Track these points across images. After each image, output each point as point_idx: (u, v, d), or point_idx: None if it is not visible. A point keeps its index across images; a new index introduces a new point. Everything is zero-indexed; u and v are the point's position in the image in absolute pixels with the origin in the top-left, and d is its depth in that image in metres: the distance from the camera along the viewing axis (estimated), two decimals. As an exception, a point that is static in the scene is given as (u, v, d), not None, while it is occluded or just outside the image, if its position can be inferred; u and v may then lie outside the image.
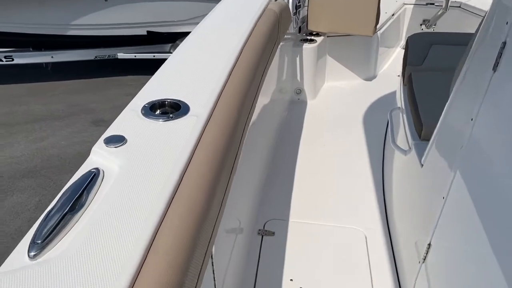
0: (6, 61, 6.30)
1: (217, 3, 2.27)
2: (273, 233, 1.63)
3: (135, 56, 6.91)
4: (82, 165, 1.14)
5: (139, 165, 1.03)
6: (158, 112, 1.28)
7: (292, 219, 1.76)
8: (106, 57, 6.82)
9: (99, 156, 1.14)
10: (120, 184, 0.97)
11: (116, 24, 6.50)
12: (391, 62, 3.46)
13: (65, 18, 6.22)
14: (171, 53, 7.15)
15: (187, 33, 6.67)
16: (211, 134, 1.14)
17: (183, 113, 1.24)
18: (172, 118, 1.21)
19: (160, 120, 1.21)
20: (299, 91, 2.82)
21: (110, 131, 1.22)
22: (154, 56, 6.98)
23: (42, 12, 6.09)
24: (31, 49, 6.52)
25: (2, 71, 6.94)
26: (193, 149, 1.08)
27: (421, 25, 3.74)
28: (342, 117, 2.68)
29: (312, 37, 2.83)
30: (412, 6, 3.66)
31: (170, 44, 7.15)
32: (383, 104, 2.80)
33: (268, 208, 1.85)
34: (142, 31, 6.80)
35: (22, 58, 6.41)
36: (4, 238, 3.53)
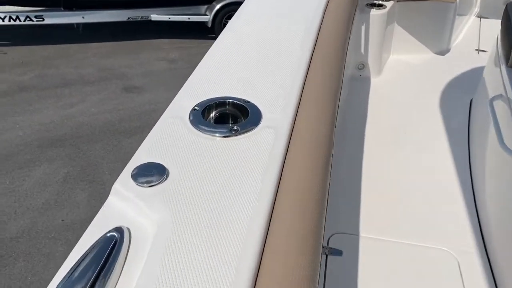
0: (37, 21, 6.04)
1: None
2: (340, 252, 1.29)
3: (169, 18, 6.53)
4: (98, 215, 0.70)
5: (191, 225, 0.65)
6: (213, 118, 0.90)
7: (363, 233, 1.41)
8: (139, 19, 6.47)
9: (125, 202, 0.71)
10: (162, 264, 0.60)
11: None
12: (465, 33, 2.97)
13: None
14: (207, 15, 6.74)
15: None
16: (299, 156, 0.78)
17: (253, 123, 0.86)
18: (237, 132, 0.83)
19: (218, 134, 0.84)
20: (362, 66, 2.40)
21: (141, 155, 0.80)
22: (189, 18, 6.59)
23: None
24: (62, 9, 6.23)
25: (32, 31, 6.70)
26: (275, 190, 0.73)
27: None
28: (413, 100, 2.26)
29: (380, 1, 2.38)
30: None
31: (205, 6, 6.72)
32: (460, 85, 2.36)
33: (331, 218, 1.52)
34: (177, -9, 6.39)
35: (53, 18, 6.13)
36: (31, 213, 3.34)
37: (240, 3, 1.70)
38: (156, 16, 6.48)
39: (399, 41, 2.59)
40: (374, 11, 2.29)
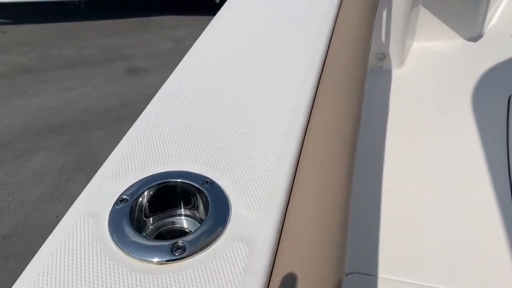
0: (37, -3, 5.79)
1: None
2: None
3: (175, -7, 6.21)
4: None
5: None
6: (151, 222, 0.57)
7: (383, 274, 1.15)
8: (143, -5, 6.17)
9: None
10: None
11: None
12: (500, 13, 2.63)
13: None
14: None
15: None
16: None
17: (211, 229, 0.51)
18: (184, 253, 0.48)
19: (156, 258, 0.49)
20: (382, 56, 2.11)
21: None
22: (196, -7, 6.26)
23: None
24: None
25: (33, 8, 6.45)
26: None
27: None
28: (441, 96, 1.97)
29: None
30: None
31: (214, -19, 6.37)
32: (495, 78, 2.05)
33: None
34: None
35: (54, -5, 5.87)
36: (25, 207, 3.16)
37: None
38: (161, -9, 6.17)
39: (425, 26, 2.28)
40: None
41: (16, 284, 0.47)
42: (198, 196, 0.56)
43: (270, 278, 0.48)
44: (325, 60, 0.95)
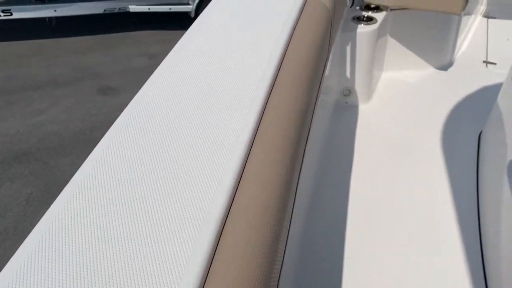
0: (4, 15, 5.59)
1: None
2: None
3: (148, 9, 6.08)
4: None
5: None
6: None
7: None
8: (116, 11, 6.02)
9: None
10: None
11: (125, -28, 5.64)
12: (471, 39, 2.57)
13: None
14: (190, 5, 6.30)
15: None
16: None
17: None
18: None
19: None
20: (348, 92, 2.01)
21: None
22: (170, 9, 6.13)
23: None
24: (33, 1, 5.77)
25: (1, 26, 6.24)
26: None
27: None
28: (409, 131, 1.88)
29: (370, 13, 1.98)
30: None
31: (188, -6, 6.26)
32: (466, 110, 1.98)
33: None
34: (156, -20, 5.91)
35: (22, 12, 5.68)
36: (-15, 246, 2.99)
37: None
38: (134, 7, 6.03)
39: (392, 56, 2.20)
40: (362, 28, 1.89)
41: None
42: None
43: None
44: (270, 92, 0.88)
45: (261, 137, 0.76)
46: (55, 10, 5.76)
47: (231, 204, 0.63)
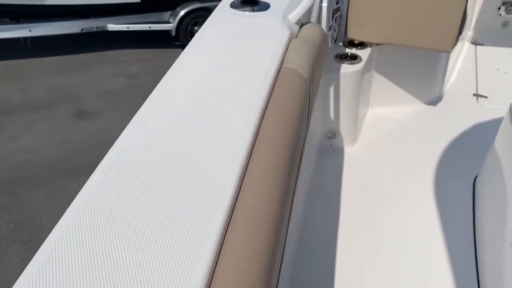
0: (-24, 36, 5.38)
1: None
2: None
3: (127, 27, 5.92)
4: None
5: None
6: None
7: None
8: (94, 30, 5.84)
9: None
10: None
11: (102, -9, 5.47)
12: (459, 68, 2.46)
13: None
14: (170, 23, 6.15)
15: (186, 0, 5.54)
16: None
17: None
18: None
19: None
20: (333, 134, 1.88)
21: None
22: (150, 27, 5.98)
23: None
24: (8, 20, 5.56)
25: (-25, 46, 6.02)
26: None
27: (499, 8, 2.71)
28: (398, 175, 1.75)
29: (354, 50, 1.85)
30: None
31: (169, 12, 6.11)
32: (459, 152, 1.86)
33: None
34: (135, -2, 5.76)
35: (-5, 33, 5.46)
36: None
37: (207, 9, 1.43)
38: (113, 26, 5.86)
39: (379, 92, 2.07)
40: (346, 68, 1.75)
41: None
42: None
43: None
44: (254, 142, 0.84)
45: (246, 189, 0.73)
46: (30, 30, 5.56)
47: (221, 248, 0.62)
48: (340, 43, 1.92)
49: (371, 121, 2.04)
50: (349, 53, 1.83)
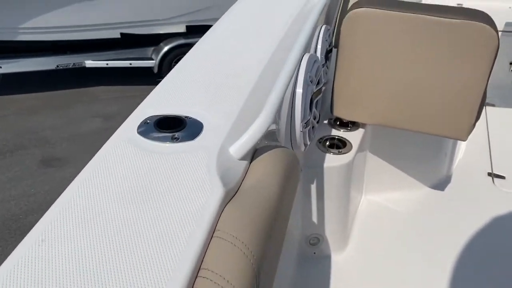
0: None
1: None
2: None
3: (107, 64, 5.56)
4: None
5: None
6: None
7: None
8: (70, 66, 5.48)
9: None
10: None
11: (77, 26, 5.13)
12: (470, 139, 2.10)
13: (13, 21, 4.86)
14: (153, 59, 5.81)
15: (171, 35, 5.24)
16: None
17: None
18: None
19: None
20: (316, 240, 1.48)
21: None
22: (130, 64, 5.64)
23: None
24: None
25: None
26: None
27: (511, 63, 2.38)
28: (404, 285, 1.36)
29: (342, 132, 1.48)
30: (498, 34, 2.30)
31: (151, 48, 5.78)
32: (474, 250, 1.47)
33: None
34: (114, 34, 5.42)
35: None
36: None
37: (191, 45, 1.20)
38: (91, 62, 5.50)
39: (375, 180, 1.69)
40: (332, 160, 1.37)
41: None
42: None
43: None
44: None
45: None
46: (0, 67, 5.18)
47: None
48: (325, 121, 1.55)
49: (365, 215, 1.65)
50: (336, 138, 1.45)
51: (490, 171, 1.89)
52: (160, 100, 0.82)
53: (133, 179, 0.64)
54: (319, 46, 1.29)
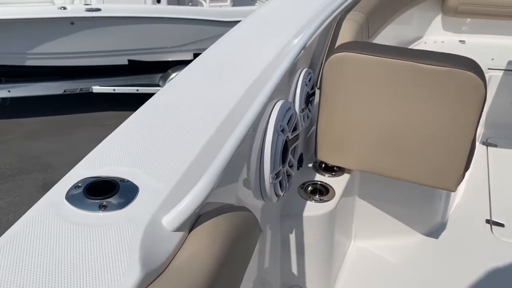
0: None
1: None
2: None
3: (114, 90, 5.60)
4: None
5: None
6: None
7: None
8: (77, 91, 5.52)
9: None
10: None
11: (85, 53, 5.19)
12: (467, 180, 2.01)
13: (22, 46, 4.93)
14: (160, 86, 5.87)
15: (178, 62, 5.27)
16: None
17: None
18: None
19: None
20: None
21: None
22: (137, 90, 5.66)
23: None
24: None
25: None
26: None
27: None
28: None
29: (326, 177, 1.42)
30: (501, 73, 2.24)
31: (159, 75, 5.81)
32: None
33: None
34: (122, 60, 5.46)
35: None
36: None
37: None
38: (98, 88, 5.55)
39: (363, 226, 1.61)
40: (312, 208, 1.31)
41: None
42: None
43: None
44: None
45: None
46: (9, 91, 5.25)
47: None
48: (310, 164, 1.48)
49: (353, 264, 1.57)
50: (319, 183, 1.38)
51: (489, 218, 1.79)
52: (101, 157, 0.77)
53: (45, 254, 0.58)
54: (298, 90, 1.24)
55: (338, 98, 1.29)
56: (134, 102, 6.17)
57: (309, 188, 1.38)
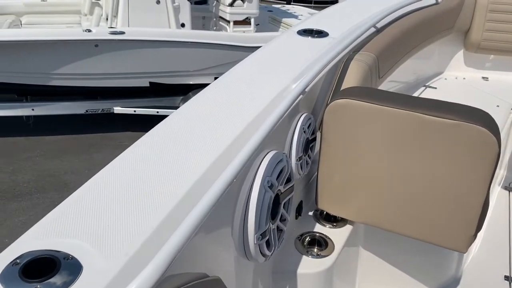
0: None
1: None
2: None
3: (134, 111, 5.64)
4: None
5: None
6: None
7: None
8: (99, 111, 5.60)
9: None
10: None
11: (108, 74, 5.26)
12: (486, 229, 1.89)
13: (47, 66, 5.04)
14: (179, 108, 5.82)
15: (200, 85, 5.29)
16: None
17: None
18: None
19: None
20: None
21: None
22: (158, 112, 5.69)
23: (22, 59, 4.94)
24: (15, 96, 5.40)
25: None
26: None
27: None
28: None
29: (327, 228, 1.34)
30: None
31: (180, 97, 5.84)
32: None
33: None
34: (143, 82, 5.52)
35: (-2, 110, 5.27)
36: None
37: None
38: (119, 109, 5.61)
39: (370, 277, 1.52)
40: (308, 265, 1.22)
41: None
42: None
43: None
44: None
45: None
46: (32, 109, 5.36)
47: None
48: (310, 213, 1.40)
49: None
50: (317, 236, 1.30)
51: (508, 274, 1.66)
52: (52, 225, 0.72)
53: None
54: (295, 137, 1.18)
55: (339, 146, 1.22)
56: (154, 123, 6.21)
57: (307, 239, 1.30)
